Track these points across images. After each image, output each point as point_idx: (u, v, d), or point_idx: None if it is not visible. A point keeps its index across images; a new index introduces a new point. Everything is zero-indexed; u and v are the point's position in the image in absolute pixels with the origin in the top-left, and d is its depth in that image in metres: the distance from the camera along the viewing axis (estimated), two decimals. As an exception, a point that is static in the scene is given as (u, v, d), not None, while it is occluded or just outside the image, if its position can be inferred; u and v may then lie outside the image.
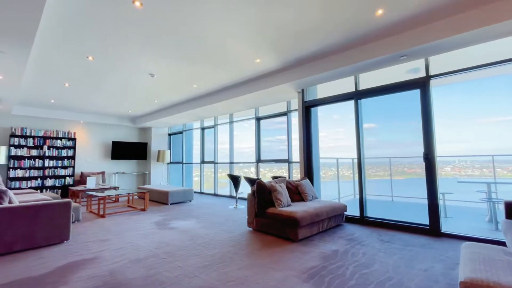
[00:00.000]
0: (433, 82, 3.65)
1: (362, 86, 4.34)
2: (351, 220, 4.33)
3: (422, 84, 3.70)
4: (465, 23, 2.86)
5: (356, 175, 4.35)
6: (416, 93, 3.80)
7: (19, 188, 7.07)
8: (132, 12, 2.78)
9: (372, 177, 5.64)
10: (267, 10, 2.81)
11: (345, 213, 4.41)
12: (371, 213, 4.24)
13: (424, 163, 3.63)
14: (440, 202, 3.55)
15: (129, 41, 3.45)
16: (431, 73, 3.64)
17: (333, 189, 6.18)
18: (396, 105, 4.60)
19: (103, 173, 8.32)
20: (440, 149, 3.66)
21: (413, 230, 3.68)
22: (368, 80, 4.31)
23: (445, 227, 3.62)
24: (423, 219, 3.70)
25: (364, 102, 4.38)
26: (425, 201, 3.62)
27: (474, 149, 4.47)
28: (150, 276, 2.34)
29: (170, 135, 10.23)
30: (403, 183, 5.69)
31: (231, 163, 7.57)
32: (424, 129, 3.64)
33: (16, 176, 7.07)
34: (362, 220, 4.19)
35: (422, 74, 3.73)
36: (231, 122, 7.64)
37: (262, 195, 3.78)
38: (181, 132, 9.65)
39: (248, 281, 2.23)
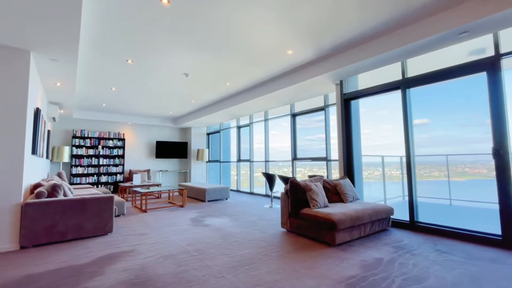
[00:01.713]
0: (505, 63, 3.01)
1: (410, 74, 3.81)
2: (399, 225, 3.83)
3: (490, 66, 3.07)
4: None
5: (405, 175, 3.83)
6: (481, 78, 3.18)
7: (79, 184, 7.95)
8: (160, 10, 2.81)
9: (426, 178, 4.96)
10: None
11: (392, 217, 3.92)
12: (423, 218, 3.69)
13: (494, 160, 3.00)
14: (517, 208, 2.90)
15: (161, 40, 3.54)
16: (502, 51, 3.00)
17: (378, 190, 5.61)
18: (452, 95, 3.94)
19: (148, 171, 8.91)
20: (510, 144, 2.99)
21: (479, 241, 3.08)
22: (417, 68, 3.76)
23: (523, 239, 2.95)
24: (493, 227, 3.07)
25: (414, 93, 3.84)
26: (496, 206, 3.00)
27: None
28: (178, 274, 2.31)
29: (208, 134, 10.52)
30: (464, 184, 4.89)
31: (266, 161, 7.43)
32: (493, 119, 3.01)
33: (77, 173, 7.98)
34: (413, 226, 3.68)
35: (490, 54, 3.09)
36: (266, 120, 7.50)
37: (296, 195, 3.55)
38: (218, 131, 9.85)
39: (277, 287, 2.05)
